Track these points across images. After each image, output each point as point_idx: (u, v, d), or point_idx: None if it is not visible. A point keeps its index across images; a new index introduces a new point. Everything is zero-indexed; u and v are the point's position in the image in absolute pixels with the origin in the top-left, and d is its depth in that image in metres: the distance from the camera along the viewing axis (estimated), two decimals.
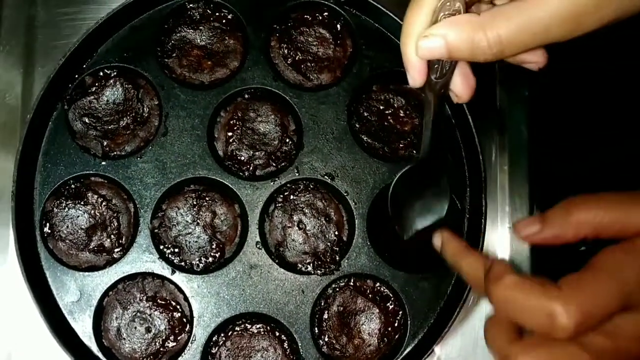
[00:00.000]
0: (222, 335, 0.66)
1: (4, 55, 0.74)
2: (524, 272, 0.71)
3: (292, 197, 0.68)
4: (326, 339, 0.66)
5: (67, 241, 0.66)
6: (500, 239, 0.73)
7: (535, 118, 0.76)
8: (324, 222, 0.67)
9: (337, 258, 0.66)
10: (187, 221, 0.67)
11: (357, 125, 0.69)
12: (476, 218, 0.67)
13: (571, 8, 0.38)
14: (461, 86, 0.46)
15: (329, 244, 0.67)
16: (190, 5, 0.69)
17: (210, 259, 0.67)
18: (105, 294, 0.66)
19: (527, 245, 0.72)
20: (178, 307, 0.66)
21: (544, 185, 0.76)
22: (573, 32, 0.39)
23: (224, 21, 0.70)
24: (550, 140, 0.78)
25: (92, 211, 0.67)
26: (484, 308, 0.70)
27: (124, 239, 0.67)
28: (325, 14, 0.70)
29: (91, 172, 0.67)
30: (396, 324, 0.66)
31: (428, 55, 0.41)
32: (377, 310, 0.66)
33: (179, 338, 0.66)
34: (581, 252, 0.81)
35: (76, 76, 0.68)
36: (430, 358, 0.69)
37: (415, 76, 0.44)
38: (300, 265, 0.67)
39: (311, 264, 0.67)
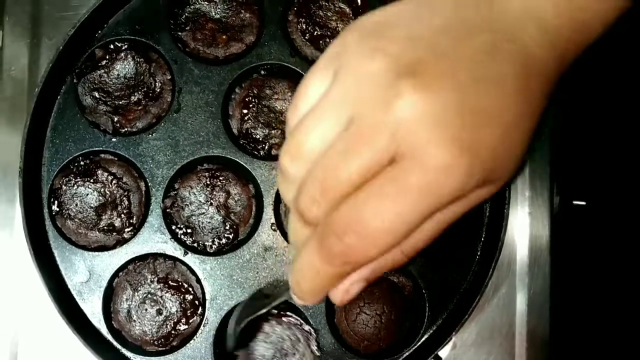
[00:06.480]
0: None
1: (10, 27, 0.71)
2: (544, 260, 0.70)
3: None
4: (342, 325, 0.64)
5: (76, 220, 0.64)
6: (520, 224, 0.70)
7: (559, 98, 0.74)
8: None
9: None
10: (200, 201, 0.65)
11: None
12: (498, 203, 0.65)
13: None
14: None
15: None
16: None
17: (224, 240, 0.65)
18: (115, 274, 0.64)
19: (547, 231, 0.70)
20: (190, 289, 0.64)
21: (566, 169, 0.74)
22: None
23: None
24: (573, 123, 0.76)
25: (102, 189, 0.65)
26: (502, 292, 0.69)
27: (134, 219, 0.65)
28: None
29: (101, 148, 0.65)
30: (414, 310, 0.64)
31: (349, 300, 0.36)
32: (395, 296, 0.64)
33: (190, 321, 0.64)
34: (598, 233, 0.80)
35: (86, 49, 0.65)
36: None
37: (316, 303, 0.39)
38: None
39: None
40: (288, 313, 0.64)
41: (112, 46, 0.66)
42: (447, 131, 0.30)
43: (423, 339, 0.64)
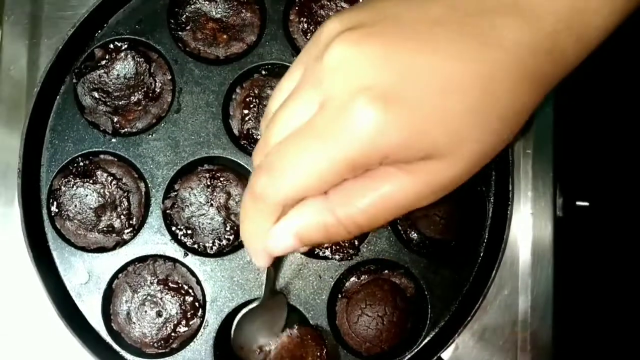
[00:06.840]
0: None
1: (9, 26, 0.71)
2: (547, 261, 0.70)
3: None
4: (344, 327, 0.63)
5: (76, 221, 0.64)
6: (523, 225, 0.70)
7: (562, 100, 0.73)
8: None
9: (357, 243, 0.64)
10: (200, 202, 0.64)
11: None
12: (501, 204, 0.64)
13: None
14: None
15: None
16: None
17: (225, 242, 0.64)
18: (114, 276, 0.63)
19: (550, 232, 0.70)
20: (190, 291, 0.64)
21: (569, 169, 0.73)
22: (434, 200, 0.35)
23: None
24: (576, 123, 0.76)
25: (102, 190, 0.64)
26: (504, 294, 0.68)
27: (134, 220, 0.64)
28: None
29: (101, 149, 0.64)
30: (416, 312, 0.64)
31: (281, 253, 0.36)
32: (397, 297, 0.64)
33: (190, 323, 0.63)
34: (601, 234, 0.79)
35: (86, 48, 0.65)
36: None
37: (265, 263, 0.39)
38: (317, 250, 0.64)
39: (329, 249, 0.64)
40: None
41: (111, 46, 0.65)
42: (367, 81, 0.30)
43: (425, 341, 0.64)
